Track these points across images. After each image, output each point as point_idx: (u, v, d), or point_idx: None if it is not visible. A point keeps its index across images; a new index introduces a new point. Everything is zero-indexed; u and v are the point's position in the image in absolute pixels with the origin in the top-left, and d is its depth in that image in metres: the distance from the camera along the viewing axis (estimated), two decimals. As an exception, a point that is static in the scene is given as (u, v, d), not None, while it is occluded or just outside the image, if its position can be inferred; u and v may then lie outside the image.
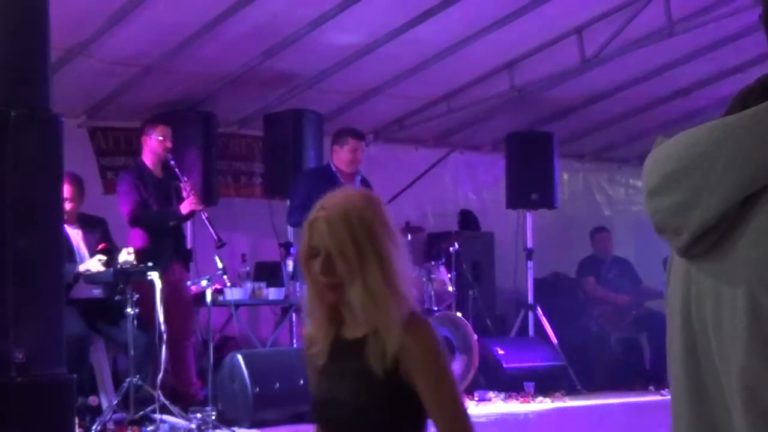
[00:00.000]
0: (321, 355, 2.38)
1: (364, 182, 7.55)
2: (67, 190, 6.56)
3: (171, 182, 7.23)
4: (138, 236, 7.01)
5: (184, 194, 7.16)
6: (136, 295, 6.20)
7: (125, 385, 6.18)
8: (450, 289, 8.64)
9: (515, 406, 7.77)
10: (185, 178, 7.17)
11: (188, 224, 7.76)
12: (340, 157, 7.40)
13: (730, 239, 1.22)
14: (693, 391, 1.29)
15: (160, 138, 7.12)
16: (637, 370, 9.38)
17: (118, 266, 6.29)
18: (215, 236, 7.08)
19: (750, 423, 1.18)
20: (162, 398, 6.12)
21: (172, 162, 7.12)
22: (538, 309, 9.23)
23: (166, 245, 7.05)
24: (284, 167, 8.25)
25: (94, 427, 6.01)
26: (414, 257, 9.14)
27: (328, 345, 2.37)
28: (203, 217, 7.13)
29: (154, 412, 6.13)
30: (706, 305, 1.25)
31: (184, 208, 7.10)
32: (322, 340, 2.38)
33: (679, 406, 1.31)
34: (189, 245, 7.71)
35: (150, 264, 6.27)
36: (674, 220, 1.27)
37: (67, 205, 6.59)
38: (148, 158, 7.21)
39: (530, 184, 9.40)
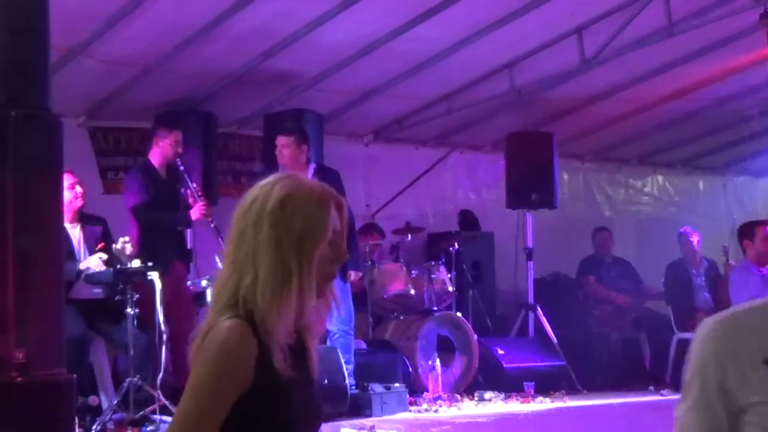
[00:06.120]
0: (284, 364, 1.99)
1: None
2: (78, 186, 6.63)
3: (175, 185, 7.23)
4: (136, 235, 6.98)
5: (191, 201, 7.17)
6: (136, 295, 6.20)
7: (125, 385, 6.17)
8: (450, 289, 8.64)
9: (515, 406, 7.75)
10: (194, 185, 7.19)
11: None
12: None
13: None
14: None
15: (174, 143, 7.13)
16: (637, 370, 9.39)
17: (116, 258, 6.30)
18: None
19: None
20: (162, 398, 6.11)
21: (182, 167, 7.13)
22: (538, 309, 9.21)
23: (168, 245, 7.06)
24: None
25: (94, 427, 6.00)
26: (414, 257, 9.16)
27: (290, 353, 2.02)
28: (211, 226, 7.08)
29: (154, 412, 6.12)
30: None
31: (194, 214, 7.10)
32: (285, 348, 2.01)
33: None
34: (189, 245, 7.71)
35: (150, 264, 6.27)
36: None
37: (79, 202, 6.69)
38: (156, 158, 7.19)
39: (530, 184, 9.39)
